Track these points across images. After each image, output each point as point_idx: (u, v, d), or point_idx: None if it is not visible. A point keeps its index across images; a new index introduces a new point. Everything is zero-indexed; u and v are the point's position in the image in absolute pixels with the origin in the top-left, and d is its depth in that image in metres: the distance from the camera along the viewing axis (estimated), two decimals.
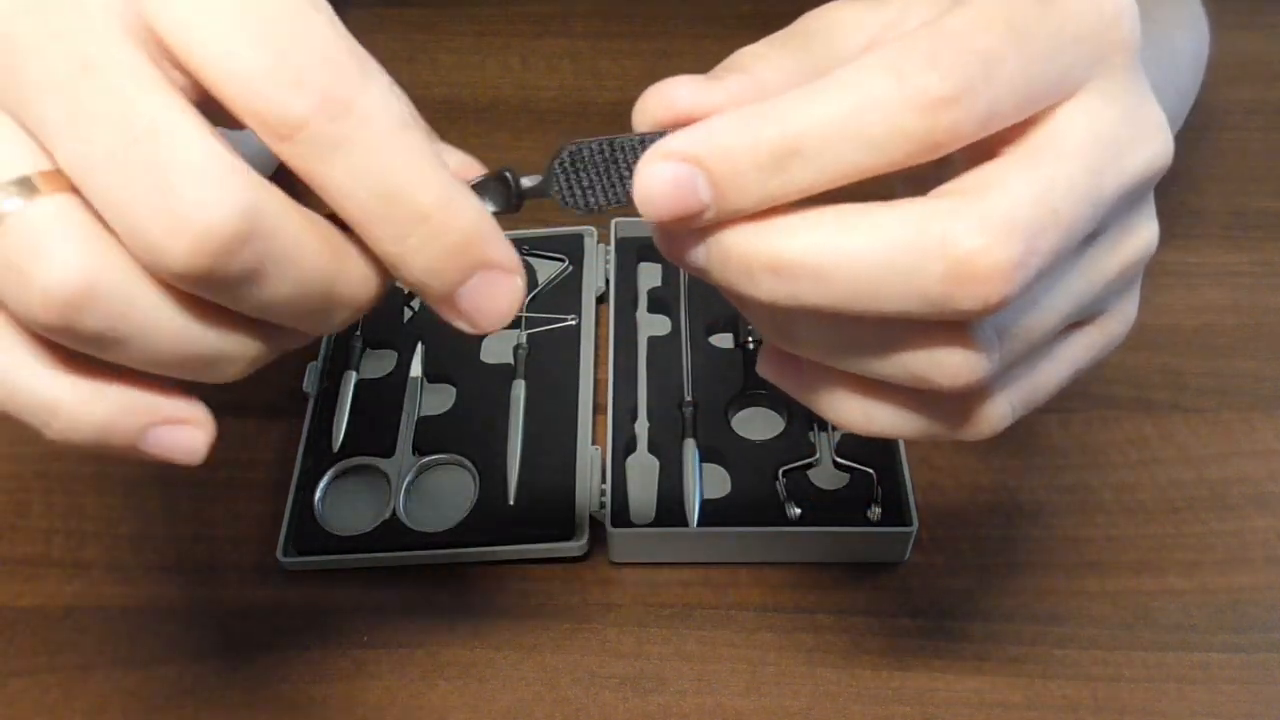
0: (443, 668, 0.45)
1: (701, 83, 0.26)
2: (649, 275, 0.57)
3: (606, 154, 0.26)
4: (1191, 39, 0.51)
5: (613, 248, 0.57)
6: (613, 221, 0.58)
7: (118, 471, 0.51)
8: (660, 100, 0.26)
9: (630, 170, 0.26)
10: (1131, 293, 0.29)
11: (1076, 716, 0.43)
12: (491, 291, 0.27)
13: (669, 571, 0.47)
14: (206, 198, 0.22)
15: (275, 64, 0.22)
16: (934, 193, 0.24)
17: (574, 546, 0.47)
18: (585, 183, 0.27)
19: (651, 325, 0.55)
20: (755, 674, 0.44)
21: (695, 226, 0.25)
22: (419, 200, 0.24)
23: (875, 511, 0.47)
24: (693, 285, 0.56)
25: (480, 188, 0.27)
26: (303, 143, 0.23)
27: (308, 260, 0.24)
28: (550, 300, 0.56)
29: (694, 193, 0.24)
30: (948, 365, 0.25)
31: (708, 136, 0.24)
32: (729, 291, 0.26)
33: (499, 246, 0.26)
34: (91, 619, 0.46)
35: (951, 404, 0.27)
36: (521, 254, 0.61)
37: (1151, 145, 0.26)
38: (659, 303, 0.56)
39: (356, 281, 0.25)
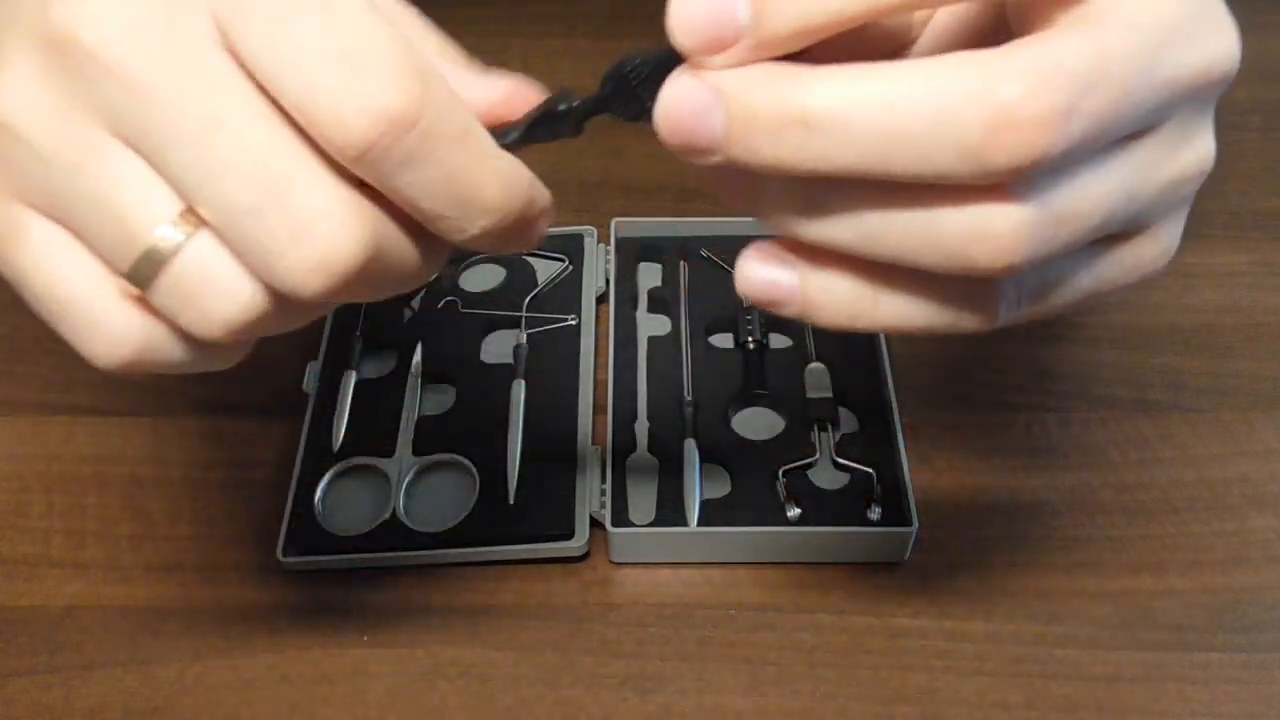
0: (443, 668, 0.45)
1: None
2: (649, 275, 0.57)
3: (660, 63, 0.26)
4: None
5: (613, 248, 0.57)
6: (612, 222, 0.58)
7: (118, 471, 0.51)
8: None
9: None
10: (1178, 215, 0.28)
11: (1076, 716, 0.43)
12: (530, 233, 0.29)
13: (669, 571, 0.47)
14: (335, 240, 0.24)
15: (343, 92, 0.24)
16: (979, 50, 0.23)
17: (574, 546, 0.47)
18: (639, 94, 0.27)
19: (651, 325, 0.55)
20: (755, 674, 0.44)
21: (728, 61, 0.24)
22: (482, 200, 0.26)
23: (875, 511, 0.47)
24: (693, 285, 0.56)
25: (535, 123, 0.29)
26: (371, 163, 0.24)
27: (409, 260, 0.27)
28: (550, 300, 0.56)
29: (731, 14, 0.23)
30: (988, 241, 0.24)
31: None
32: (749, 164, 0.24)
33: (541, 201, 0.28)
34: (91, 619, 0.46)
35: (969, 289, 0.26)
36: (521, 254, 0.61)
37: (1219, 42, 0.25)
38: (659, 303, 0.56)
39: (434, 257, 0.28)
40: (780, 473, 0.48)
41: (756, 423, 0.51)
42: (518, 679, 0.44)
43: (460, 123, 0.25)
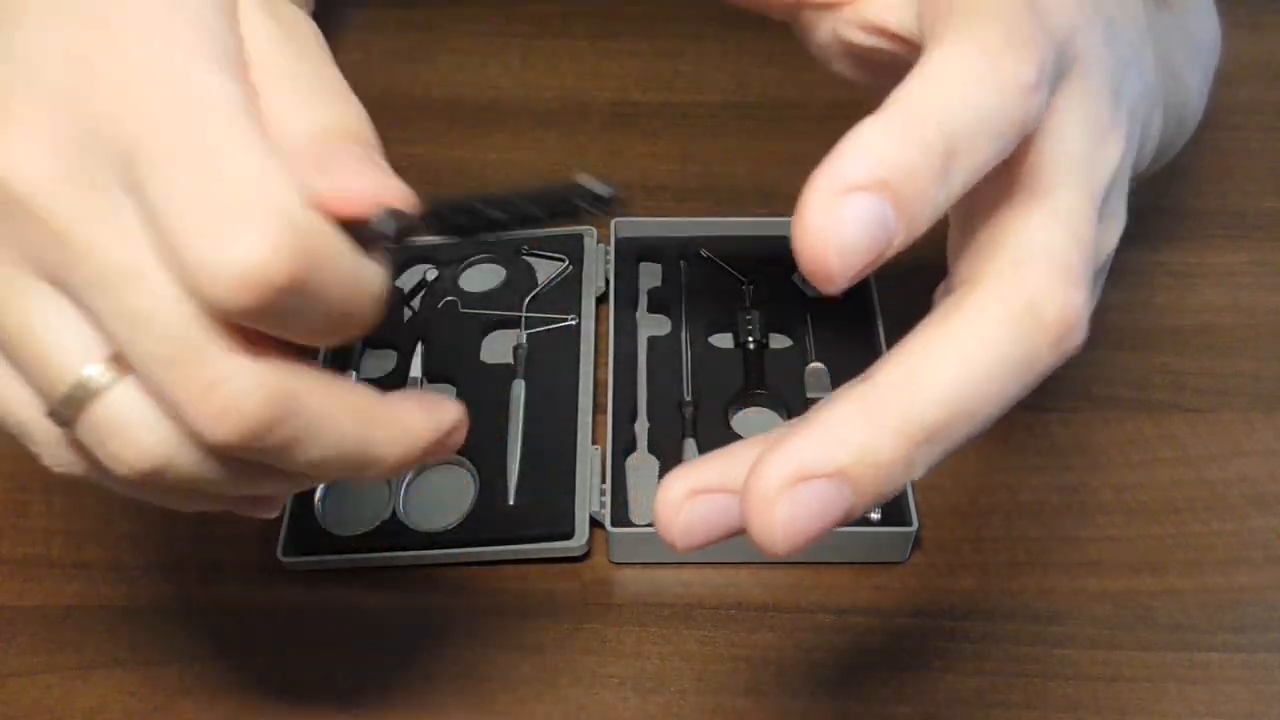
0: (443, 668, 0.45)
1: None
2: (649, 275, 0.57)
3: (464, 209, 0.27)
4: (1208, 26, 0.51)
5: (613, 248, 0.57)
6: (612, 222, 0.58)
7: None
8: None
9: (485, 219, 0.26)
10: (1097, 289, 0.30)
11: (1076, 716, 0.43)
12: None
13: (669, 571, 0.47)
14: (239, 394, 0.25)
15: (218, 265, 0.23)
16: (979, 268, 0.25)
17: (574, 546, 0.47)
18: (452, 226, 0.27)
19: (651, 325, 0.55)
20: (755, 674, 0.44)
21: (878, 264, 0.23)
22: (357, 320, 0.27)
23: (875, 511, 0.47)
24: (693, 285, 0.56)
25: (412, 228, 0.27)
26: (255, 319, 0.25)
27: (335, 432, 0.27)
28: (550, 300, 0.56)
29: (884, 225, 0.22)
30: None
31: (881, 156, 0.22)
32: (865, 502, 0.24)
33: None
34: (91, 619, 0.46)
35: None
36: (522, 254, 0.61)
37: (1118, 144, 0.27)
38: (659, 303, 0.56)
39: (387, 443, 0.29)
40: None
41: (756, 423, 0.51)
42: (518, 679, 0.44)
43: (338, 266, 0.25)
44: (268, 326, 0.25)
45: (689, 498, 0.25)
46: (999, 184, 0.26)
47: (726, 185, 0.62)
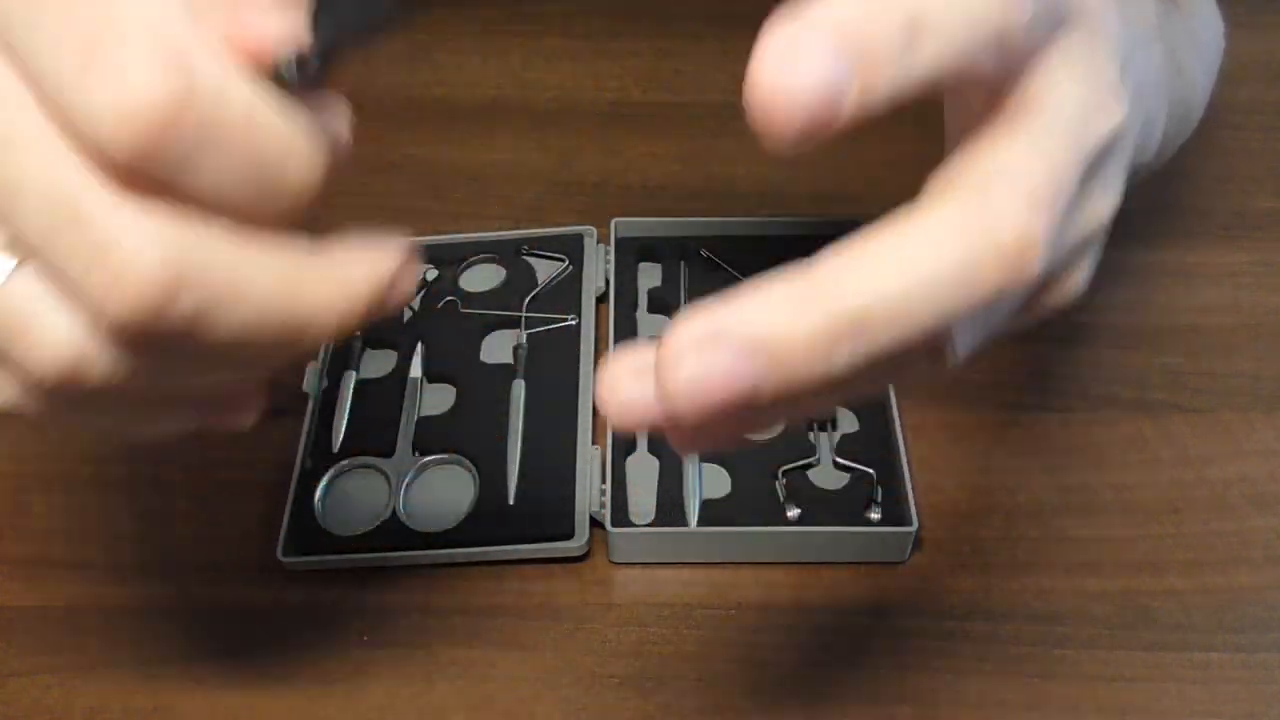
0: (443, 668, 0.45)
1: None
2: (649, 275, 0.57)
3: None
4: (1211, 28, 0.51)
5: (612, 248, 0.57)
6: (612, 222, 0.58)
7: (118, 471, 0.51)
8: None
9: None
10: (1093, 255, 0.30)
11: (1076, 716, 0.43)
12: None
13: (669, 571, 0.47)
14: (132, 251, 0.23)
15: (94, 88, 0.22)
16: (948, 184, 0.25)
17: (574, 546, 0.47)
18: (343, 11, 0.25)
19: (651, 325, 0.55)
20: (755, 674, 0.44)
21: (829, 129, 0.22)
22: (288, 182, 0.25)
23: (875, 511, 0.47)
24: (693, 285, 0.56)
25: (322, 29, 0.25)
26: (150, 164, 0.23)
27: (254, 296, 0.25)
28: (550, 300, 0.56)
29: (838, 75, 0.21)
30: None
31: (844, 12, 0.22)
32: (787, 393, 0.23)
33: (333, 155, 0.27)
34: (91, 619, 0.46)
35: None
36: (522, 254, 0.61)
37: (1116, 107, 0.27)
38: (659, 303, 0.56)
39: (319, 303, 0.26)
40: (780, 473, 0.48)
41: None
42: (518, 679, 0.44)
43: (243, 102, 0.23)
44: (167, 175, 0.23)
45: (632, 376, 0.24)
46: (986, 116, 0.26)
47: (726, 185, 0.62)
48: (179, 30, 0.23)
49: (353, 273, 0.27)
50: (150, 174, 0.23)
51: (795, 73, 0.21)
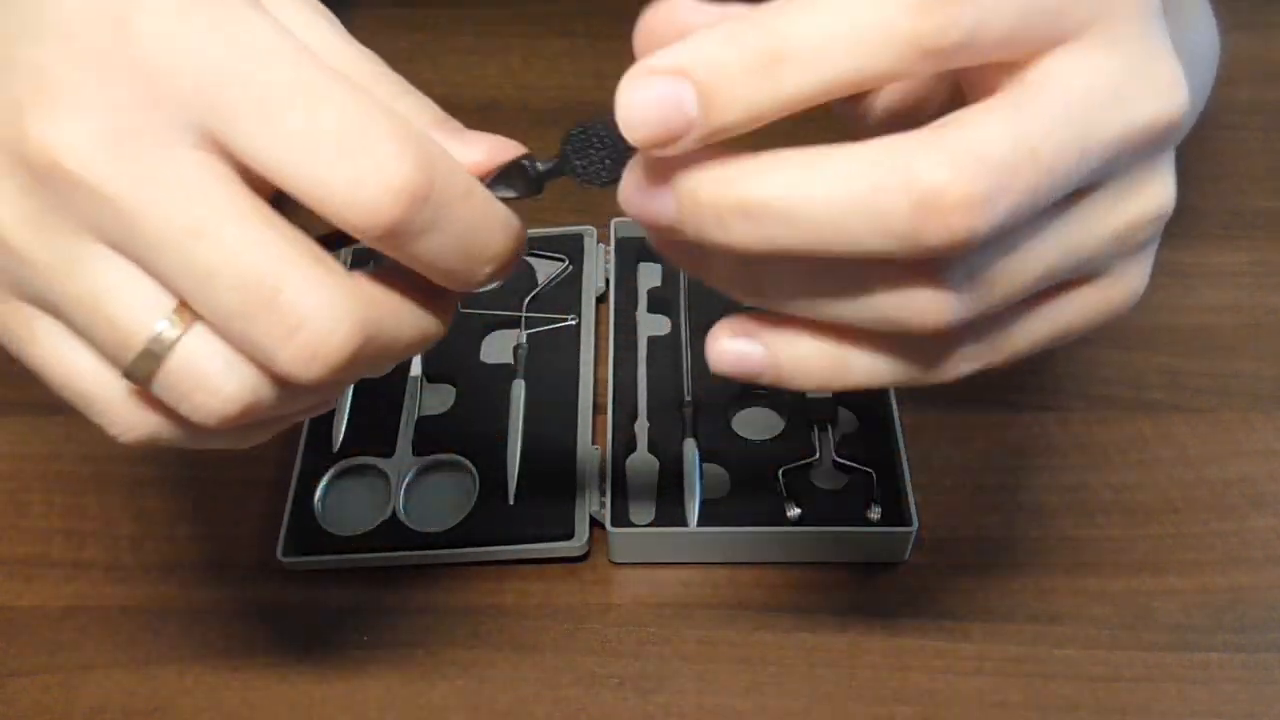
0: (443, 668, 0.45)
1: (704, 4, 0.26)
2: (649, 275, 0.57)
3: (612, 129, 0.26)
4: (1206, 32, 0.51)
5: (613, 248, 0.57)
6: (612, 222, 0.58)
7: (118, 471, 0.51)
8: (661, 21, 0.25)
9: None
10: (1140, 258, 0.28)
11: (1076, 716, 0.43)
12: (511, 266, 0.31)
13: (669, 571, 0.47)
14: (326, 332, 0.25)
15: (356, 184, 0.24)
16: (908, 133, 0.24)
17: (574, 546, 0.47)
18: (596, 159, 0.28)
19: (651, 325, 0.55)
20: (755, 674, 0.44)
21: (679, 150, 0.24)
22: (491, 250, 0.28)
23: (875, 511, 0.47)
24: (693, 285, 0.56)
25: (503, 177, 0.30)
26: (395, 238, 0.25)
27: (409, 331, 0.29)
28: (550, 300, 0.56)
29: (680, 108, 0.24)
30: (918, 306, 0.25)
31: (694, 48, 0.24)
32: (702, 244, 0.25)
33: (524, 235, 0.30)
34: (91, 619, 0.46)
35: (923, 347, 0.27)
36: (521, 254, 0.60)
37: (1159, 99, 0.25)
38: (659, 303, 0.56)
39: (443, 318, 0.31)
40: (780, 473, 0.48)
41: (756, 423, 0.51)
42: (518, 679, 0.44)
43: (465, 182, 0.26)
44: (402, 247, 0.26)
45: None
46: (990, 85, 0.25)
47: None
48: (396, 117, 0.25)
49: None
50: (388, 249, 0.26)
51: (632, 102, 0.24)
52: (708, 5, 0.25)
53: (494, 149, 0.29)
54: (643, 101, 0.24)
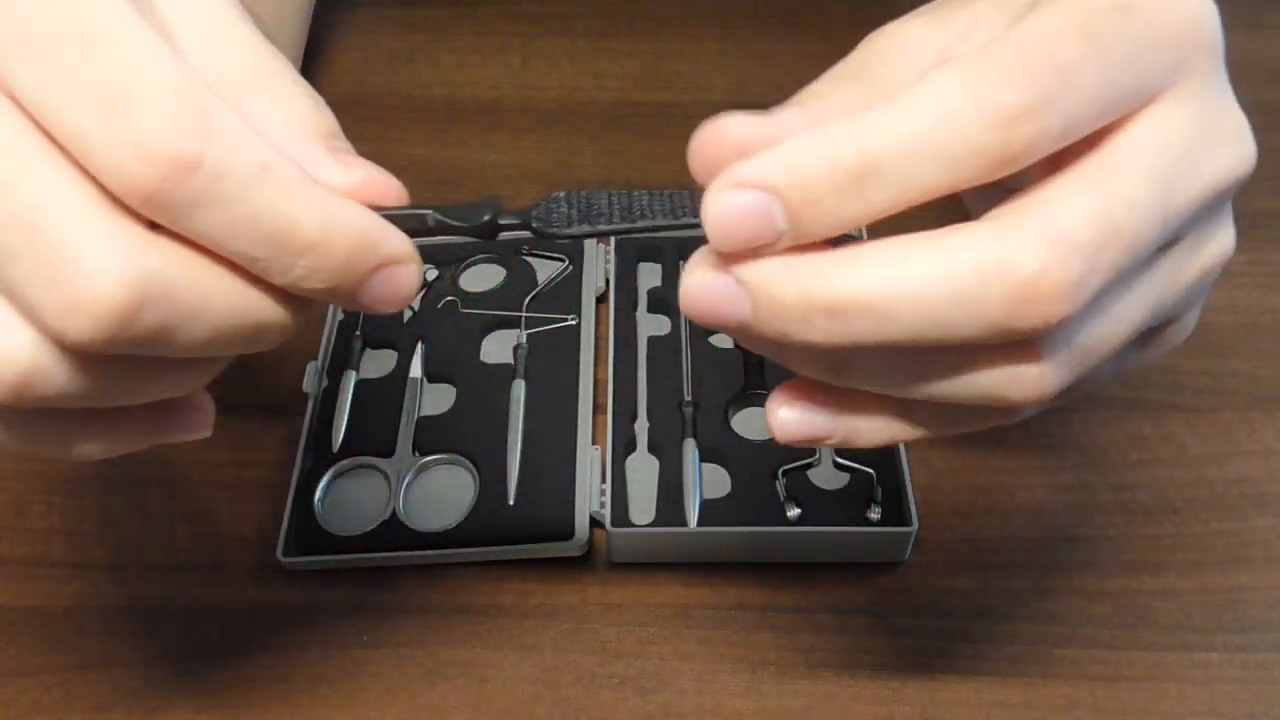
0: (443, 668, 0.45)
1: (759, 118, 0.25)
2: (649, 275, 0.57)
3: (589, 199, 0.27)
4: None
5: (613, 248, 0.57)
6: None
7: (118, 471, 0.51)
8: (716, 135, 0.25)
9: (606, 215, 0.27)
10: (1199, 302, 0.29)
11: (1076, 716, 0.43)
12: (389, 285, 0.27)
13: (669, 571, 0.47)
14: (91, 277, 0.22)
15: (113, 133, 0.22)
16: (992, 214, 0.24)
17: (574, 546, 0.47)
18: (562, 221, 0.27)
19: (651, 325, 0.55)
20: (755, 674, 0.44)
21: (763, 255, 0.24)
22: (295, 236, 0.24)
23: (875, 511, 0.47)
24: None
25: (459, 212, 0.28)
26: (159, 206, 0.23)
27: (216, 305, 0.25)
28: (550, 300, 0.56)
29: (770, 221, 0.24)
30: (1020, 383, 0.25)
31: (782, 162, 0.23)
32: (776, 342, 0.25)
33: (387, 246, 0.26)
34: (91, 619, 0.46)
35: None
36: (522, 254, 0.61)
37: (1232, 153, 0.26)
38: (659, 303, 0.56)
39: (279, 307, 0.26)
40: (780, 473, 0.48)
41: (756, 423, 0.51)
42: (518, 679, 0.44)
43: (256, 158, 0.24)
44: (175, 220, 0.23)
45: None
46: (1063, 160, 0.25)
47: None
48: (201, 89, 0.23)
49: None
50: (159, 218, 0.23)
51: (723, 214, 0.24)
52: (761, 119, 0.25)
53: (370, 179, 0.27)
54: (731, 213, 0.24)
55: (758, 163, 0.24)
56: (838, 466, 0.49)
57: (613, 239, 0.57)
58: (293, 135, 0.27)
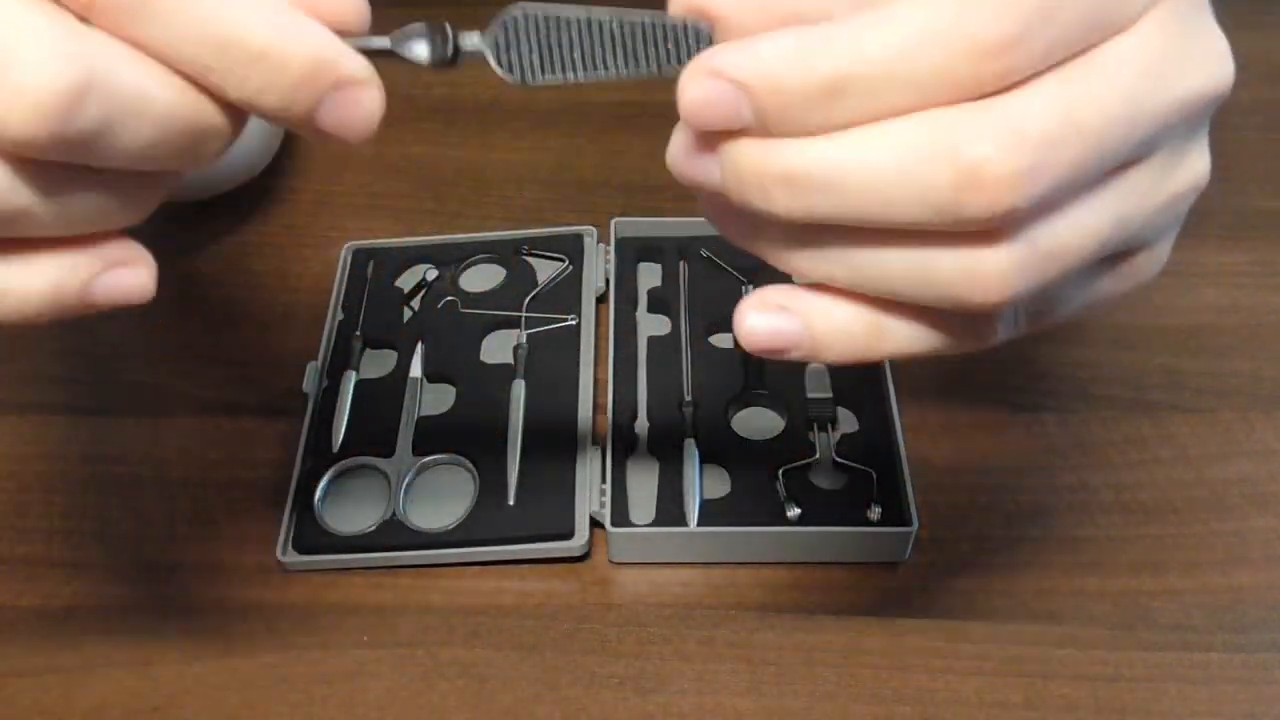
0: (443, 668, 0.45)
1: None
2: (649, 275, 0.57)
3: (558, 28, 0.26)
4: None
5: (613, 248, 0.57)
6: (612, 222, 0.58)
7: (118, 471, 0.51)
8: None
9: (580, 50, 0.26)
10: (1173, 231, 0.29)
11: (1076, 716, 0.43)
12: (348, 108, 0.26)
13: (669, 571, 0.47)
14: (32, 65, 0.22)
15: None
16: (955, 106, 0.24)
17: (574, 546, 0.47)
18: (529, 53, 0.27)
19: (651, 325, 0.55)
20: (755, 674, 0.44)
21: (735, 134, 0.25)
22: (247, 44, 0.24)
23: (875, 511, 0.47)
24: (693, 285, 0.56)
25: (414, 33, 0.27)
26: (106, 13, 0.23)
27: (160, 104, 0.24)
28: (550, 300, 0.56)
29: (738, 113, 0.24)
30: (978, 281, 0.25)
31: (757, 62, 0.24)
32: (740, 216, 0.26)
33: (346, 64, 0.26)
34: (91, 619, 0.46)
35: (967, 316, 0.27)
36: (522, 254, 0.61)
37: (1206, 69, 0.25)
38: (659, 303, 0.56)
39: (221, 109, 0.25)
40: (780, 473, 0.48)
41: (756, 423, 0.51)
42: (518, 679, 0.44)
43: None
44: (137, 21, 0.23)
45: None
46: None
47: None
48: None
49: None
50: (108, 24, 0.23)
51: (692, 95, 0.25)
52: None
53: None
54: (701, 100, 0.24)
55: (735, 54, 0.24)
56: (838, 466, 0.49)
57: (613, 239, 0.57)
58: None
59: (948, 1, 0.23)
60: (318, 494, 0.49)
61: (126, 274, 0.27)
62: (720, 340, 0.54)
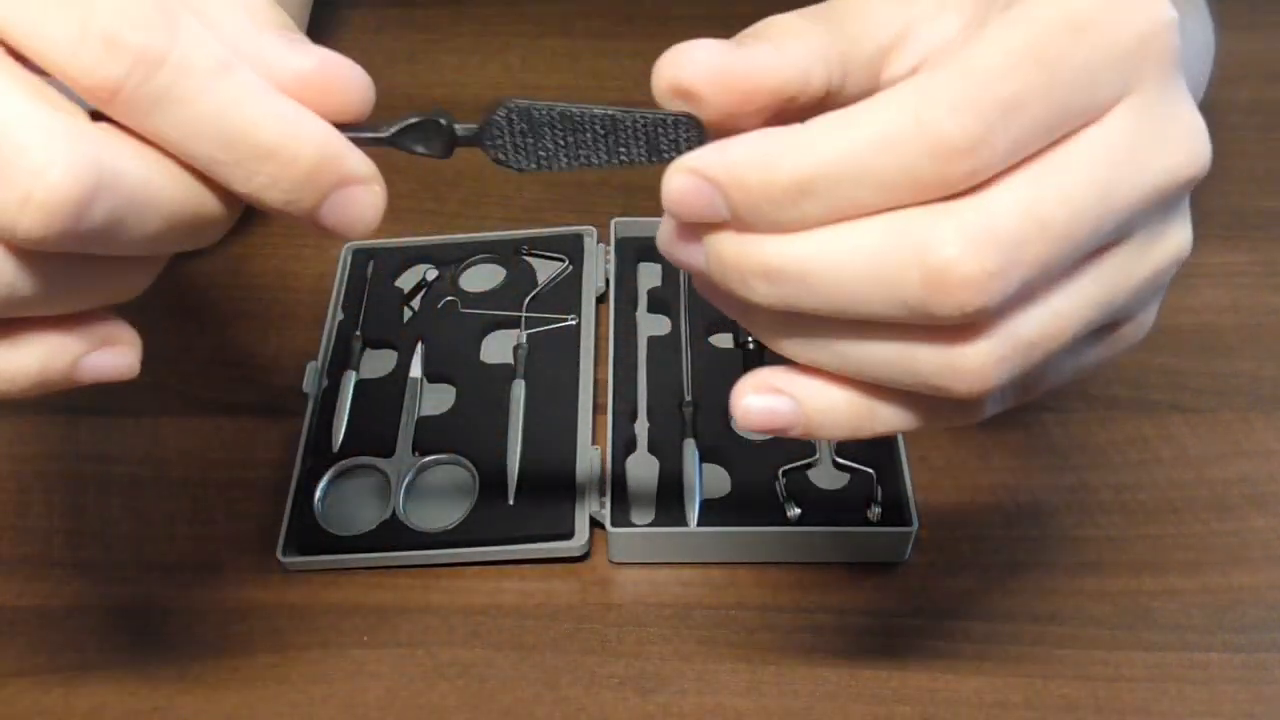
0: (443, 668, 0.45)
1: (723, 48, 0.27)
2: (649, 275, 0.57)
3: (545, 123, 0.27)
4: (1200, 29, 0.51)
5: (613, 248, 0.57)
6: (612, 222, 0.58)
7: (118, 471, 0.51)
8: (677, 61, 0.27)
9: (566, 143, 0.27)
10: (1156, 300, 0.29)
11: (1076, 716, 0.43)
12: (351, 205, 0.27)
13: (669, 571, 0.47)
14: (42, 168, 0.22)
15: (80, 31, 0.22)
16: (925, 205, 0.24)
17: (574, 546, 0.47)
18: (522, 143, 0.28)
19: (651, 325, 0.55)
20: (755, 674, 0.44)
21: (717, 226, 0.26)
22: (256, 139, 0.24)
23: (875, 511, 0.47)
24: (693, 285, 0.56)
25: (415, 129, 0.28)
26: (124, 103, 0.23)
27: (166, 198, 0.24)
28: (550, 300, 0.56)
29: (714, 208, 0.25)
30: (961, 373, 0.25)
31: (727, 162, 0.25)
32: (730, 297, 0.26)
33: (350, 162, 0.26)
34: (91, 619, 0.46)
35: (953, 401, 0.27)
36: (522, 254, 0.61)
37: (1180, 152, 0.25)
38: (659, 303, 0.56)
39: (223, 200, 0.26)
40: (780, 473, 0.48)
41: None
42: (518, 679, 0.44)
43: (218, 56, 0.24)
44: (150, 116, 0.23)
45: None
46: None
47: None
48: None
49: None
50: (125, 118, 0.23)
51: (682, 180, 0.25)
52: (728, 50, 0.27)
53: (328, 61, 0.26)
54: (679, 195, 0.25)
55: (709, 153, 0.25)
56: (838, 466, 0.49)
57: (613, 239, 0.57)
58: (247, 28, 0.26)
59: (909, 102, 0.23)
60: (318, 494, 0.49)
61: (111, 355, 0.29)
62: (720, 340, 0.54)
